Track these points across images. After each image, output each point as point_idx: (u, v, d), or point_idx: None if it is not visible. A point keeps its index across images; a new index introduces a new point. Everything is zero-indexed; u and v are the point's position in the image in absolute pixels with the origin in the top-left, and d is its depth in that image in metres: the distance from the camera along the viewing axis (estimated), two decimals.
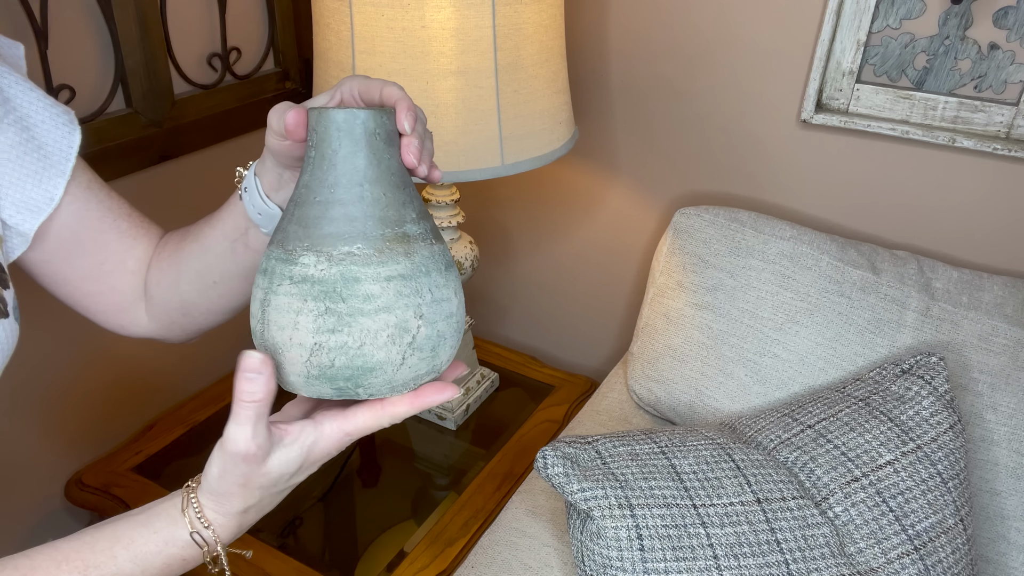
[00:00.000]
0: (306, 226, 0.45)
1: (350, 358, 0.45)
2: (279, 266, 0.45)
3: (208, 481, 0.49)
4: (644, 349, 1.10)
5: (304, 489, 1.13)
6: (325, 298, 0.44)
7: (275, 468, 0.48)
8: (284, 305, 0.45)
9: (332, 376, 0.45)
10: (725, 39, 1.13)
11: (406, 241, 0.46)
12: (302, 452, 0.49)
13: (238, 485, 0.48)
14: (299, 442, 0.48)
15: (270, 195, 0.56)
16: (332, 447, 0.49)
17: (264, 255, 0.47)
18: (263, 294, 0.46)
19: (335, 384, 0.46)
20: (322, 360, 0.45)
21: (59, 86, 1.00)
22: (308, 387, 0.47)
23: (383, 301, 0.45)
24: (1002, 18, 0.96)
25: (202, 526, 0.49)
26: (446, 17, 0.90)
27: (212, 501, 0.49)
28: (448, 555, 1.02)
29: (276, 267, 0.45)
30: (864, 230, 1.15)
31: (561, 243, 1.45)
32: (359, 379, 0.46)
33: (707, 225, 1.07)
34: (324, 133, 0.46)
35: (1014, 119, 0.99)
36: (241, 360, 0.45)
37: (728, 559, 0.73)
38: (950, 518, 0.80)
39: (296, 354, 0.45)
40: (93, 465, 1.17)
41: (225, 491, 0.48)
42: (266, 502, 0.51)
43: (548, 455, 0.78)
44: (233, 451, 0.46)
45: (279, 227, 0.47)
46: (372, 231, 0.45)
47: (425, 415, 1.28)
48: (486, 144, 0.97)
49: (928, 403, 0.85)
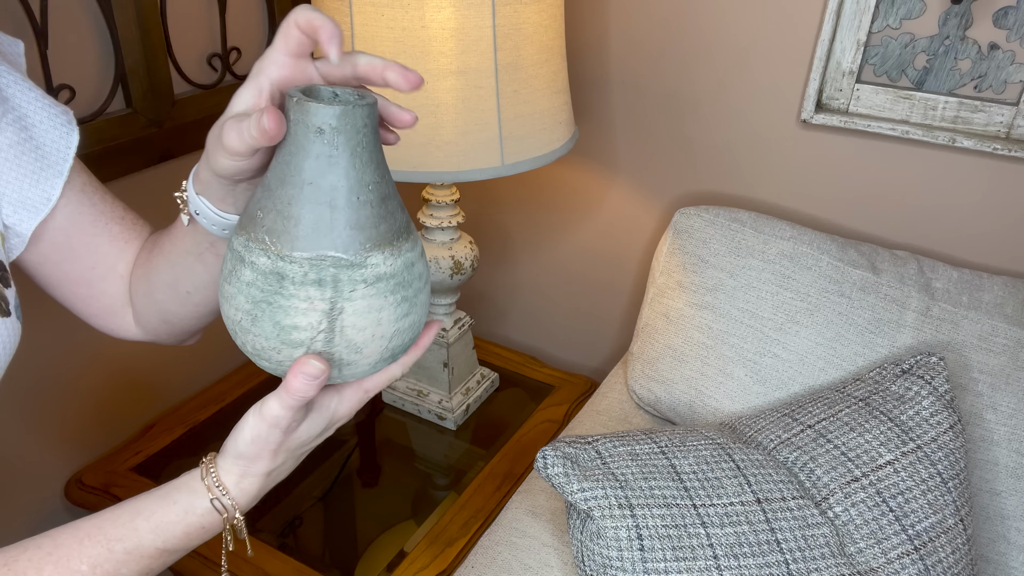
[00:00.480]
0: (360, 228, 0.45)
1: (415, 331, 0.50)
2: (346, 273, 0.45)
3: (237, 445, 0.51)
4: (644, 349, 1.10)
5: (304, 489, 1.13)
6: (399, 289, 0.47)
7: (304, 433, 0.52)
8: (363, 308, 0.45)
9: (397, 353, 0.50)
10: (725, 39, 1.13)
11: (409, 220, 0.49)
12: (327, 417, 0.53)
13: (270, 451, 0.51)
14: (324, 407, 0.52)
15: (224, 209, 0.54)
16: (353, 407, 0.54)
17: (310, 266, 0.44)
18: (328, 303, 0.45)
19: (395, 357, 0.50)
20: (397, 343, 0.49)
21: (59, 86, 1.00)
22: (371, 371, 0.50)
23: (425, 276, 0.50)
24: (1002, 18, 0.96)
25: (220, 493, 0.51)
26: (446, 17, 0.90)
27: (238, 465, 0.51)
28: (448, 555, 1.02)
29: (342, 275, 0.45)
30: (864, 230, 1.15)
31: (561, 243, 1.45)
32: (407, 345, 0.50)
33: (707, 225, 1.07)
34: (357, 132, 0.44)
35: (1014, 119, 0.99)
36: (303, 364, 0.46)
37: (728, 559, 0.73)
38: (950, 518, 0.80)
39: (376, 346, 0.47)
40: (93, 465, 1.17)
41: (255, 454, 0.51)
42: (288, 464, 0.54)
43: (548, 455, 0.78)
44: (273, 422, 0.49)
45: (316, 228, 0.44)
46: (401, 218, 0.48)
47: (425, 415, 1.28)
48: (486, 144, 0.97)
49: (928, 403, 0.85)
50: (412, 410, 1.30)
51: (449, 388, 1.27)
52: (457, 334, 1.25)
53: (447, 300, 1.23)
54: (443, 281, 1.19)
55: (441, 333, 1.23)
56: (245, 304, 0.46)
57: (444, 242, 1.18)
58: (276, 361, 0.47)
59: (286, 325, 0.45)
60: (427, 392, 1.29)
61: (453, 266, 1.17)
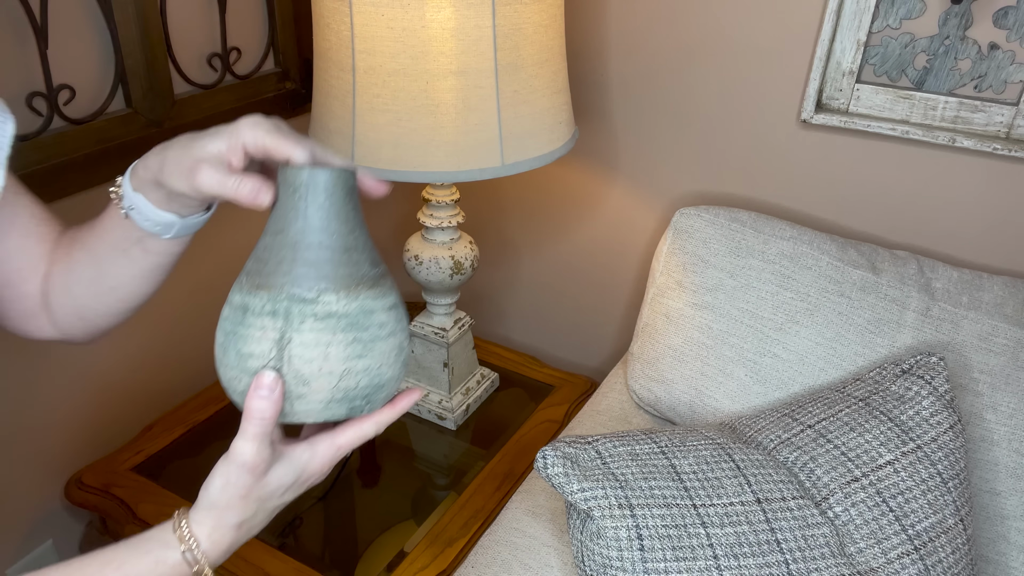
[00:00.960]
0: (316, 267, 0.50)
1: (371, 378, 0.52)
2: (297, 307, 0.49)
3: (209, 495, 0.51)
4: (644, 349, 1.10)
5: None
6: (351, 329, 0.50)
7: (273, 481, 0.52)
8: (311, 340, 0.49)
9: (353, 397, 0.51)
10: (725, 39, 1.13)
11: (386, 275, 0.54)
12: (298, 468, 0.53)
13: (239, 496, 0.51)
14: (296, 458, 0.53)
15: (161, 207, 0.56)
16: (326, 463, 0.54)
17: (268, 298, 0.50)
18: (278, 332, 0.49)
19: (352, 404, 0.52)
20: (349, 383, 0.51)
21: (59, 86, 1.00)
22: (324, 412, 0.51)
23: (390, 327, 0.52)
24: (1002, 18, 0.96)
25: (192, 545, 0.51)
26: (446, 17, 0.90)
27: (210, 516, 0.51)
28: (448, 555, 1.02)
29: (293, 308, 0.49)
30: (864, 230, 1.15)
31: (561, 243, 1.45)
32: (372, 396, 0.52)
33: (707, 225, 1.07)
34: (326, 190, 0.51)
35: (1014, 119, 0.99)
36: (257, 379, 0.49)
37: (728, 559, 0.73)
38: (950, 518, 0.80)
39: (324, 382, 0.50)
40: (93, 465, 1.17)
41: (226, 503, 0.51)
42: (259, 517, 0.54)
43: (548, 455, 0.78)
44: (240, 462, 0.50)
45: (277, 268, 0.50)
46: (368, 270, 0.52)
47: (425, 415, 1.28)
48: (486, 144, 0.97)
49: (928, 403, 0.85)
50: (412, 410, 1.30)
51: (449, 388, 1.27)
52: (457, 334, 1.25)
53: (447, 300, 1.23)
54: (443, 281, 1.19)
55: (441, 333, 1.23)
56: (221, 337, 0.51)
57: (444, 242, 1.18)
58: (239, 392, 0.51)
59: (244, 353, 0.50)
60: (427, 392, 1.29)
61: (453, 266, 1.17)
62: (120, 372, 1.21)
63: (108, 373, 1.20)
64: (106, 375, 1.20)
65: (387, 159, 0.97)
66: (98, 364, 1.18)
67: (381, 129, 0.96)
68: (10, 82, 0.96)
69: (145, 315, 1.22)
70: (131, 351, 1.22)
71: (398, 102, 0.94)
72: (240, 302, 0.51)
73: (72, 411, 1.16)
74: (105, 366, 1.19)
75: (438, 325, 1.24)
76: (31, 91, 0.98)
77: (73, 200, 1.06)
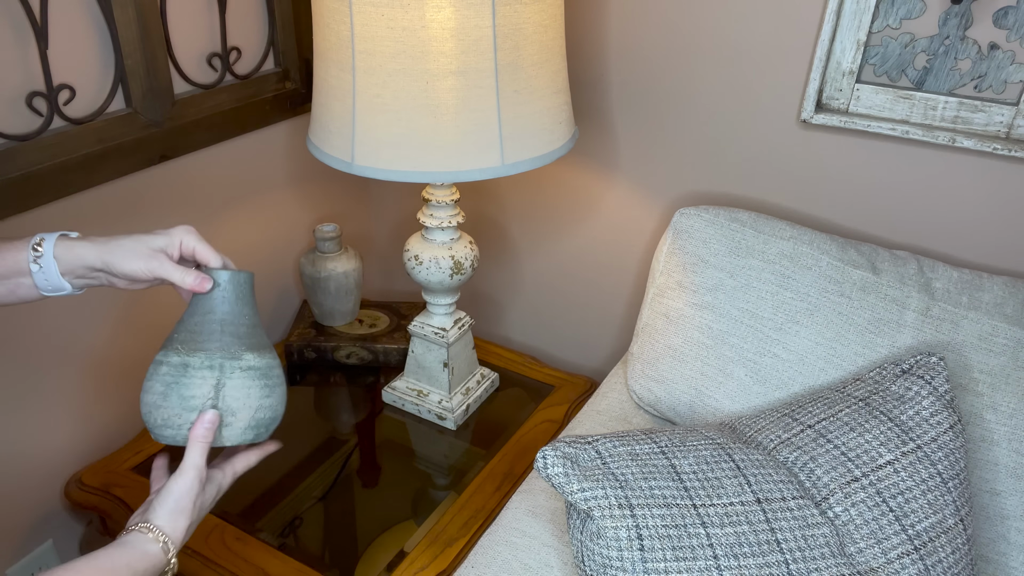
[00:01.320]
0: (239, 338, 0.73)
1: (273, 412, 0.75)
2: (228, 363, 0.72)
3: (167, 503, 0.69)
4: (644, 349, 1.10)
5: (304, 489, 1.13)
6: (262, 378, 0.74)
7: (208, 492, 0.73)
8: (239, 385, 0.72)
9: (259, 425, 0.74)
10: (725, 39, 1.13)
11: (270, 344, 0.77)
12: (217, 484, 0.74)
13: (191, 500, 0.70)
14: (216, 477, 0.74)
15: (65, 277, 0.71)
16: (228, 484, 0.76)
17: (205, 358, 0.71)
18: (216, 380, 0.71)
19: (258, 431, 0.74)
20: (261, 415, 0.74)
21: (59, 86, 1.00)
22: (241, 437, 0.73)
23: (281, 377, 0.76)
24: (1002, 18, 0.96)
25: (164, 539, 0.68)
26: (446, 17, 0.90)
27: (172, 518, 0.69)
28: (448, 555, 1.03)
29: (226, 363, 0.71)
30: (864, 230, 1.15)
31: (561, 243, 1.45)
32: (269, 426, 0.75)
33: (707, 225, 1.07)
34: (241, 287, 0.74)
35: (1014, 119, 0.99)
36: (203, 414, 0.70)
37: (728, 559, 0.73)
38: (950, 518, 0.80)
39: (245, 414, 0.72)
40: (93, 465, 1.17)
41: (182, 508, 0.69)
42: (195, 522, 0.72)
43: (548, 455, 0.78)
44: (193, 475, 0.70)
45: (209, 338, 0.72)
46: (266, 340, 0.76)
47: (425, 415, 1.28)
48: (486, 144, 0.97)
49: (928, 403, 0.85)
50: (412, 410, 1.30)
51: (449, 388, 1.27)
52: (457, 334, 1.25)
53: (447, 300, 1.23)
54: (443, 281, 1.19)
55: (441, 333, 1.23)
56: (159, 387, 0.71)
57: (444, 242, 1.18)
58: (177, 426, 0.71)
59: (186, 396, 0.70)
60: (427, 392, 1.29)
61: (453, 266, 1.17)
62: (120, 372, 1.21)
63: (108, 373, 1.20)
64: (106, 375, 1.20)
65: (387, 159, 0.97)
66: (98, 364, 1.18)
67: (381, 129, 0.96)
68: (10, 82, 0.96)
69: (145, 315, 1.22)
70: (131, 351, 1.22)
71: (398, 102, 0.94)
72: (179, 361, 0.71)
73: (72, 411, 1.16)
74: (105, 366, 1.19)
75: (438, 325, 1.24)
76: (31, 91, 0.98)
77: (73, 200, 1.06)
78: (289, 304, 1.50)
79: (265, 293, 1.43)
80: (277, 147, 1.35)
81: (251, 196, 1.33)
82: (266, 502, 1.11)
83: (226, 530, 1.05)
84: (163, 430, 0.71)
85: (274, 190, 1.38)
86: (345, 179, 1.53)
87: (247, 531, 1.05)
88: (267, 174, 1.35)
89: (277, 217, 1.41)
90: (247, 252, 1.36)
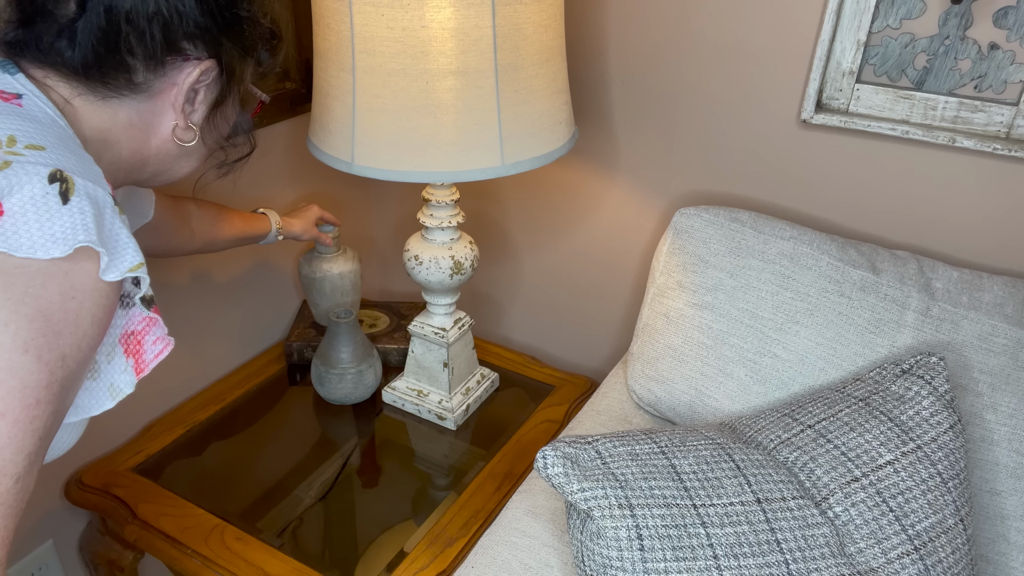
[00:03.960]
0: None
1: None
2: None
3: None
4: (644, 349, 1.10)
5: (304, 489, 1.13)
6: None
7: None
8: None
9: None
10: (725, 39, 1.13)
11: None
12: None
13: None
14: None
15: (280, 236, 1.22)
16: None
17: None
18: None
19: None
20: None
21: None
22: None
23: None
24: (1002, 18, 0.96)
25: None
26: (446, 17, 0.90)
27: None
28: (448, 555, 1.02)
29: None
30: (864, 230, 1.15)
31: (561, 243, 1.45)
32: None
33: (707, 225, 1.07)
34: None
35: (1014, 119, 0.99)
36: None
37: (728, 559, 0.73)
38: (950, 518, 0.80)
39: None
40: (93, 465, 1.17)
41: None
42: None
43: (548, 455, 0.78)
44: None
45: None
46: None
47: (425, 415, 1.28)
48: (486, 144, 0.97)
49: (928, 403, 0.85)
50: (412, 410, 1.30)
51: (449, 388, 1.27)
52: (457, 334, 1.25)
53: (447, 300, 1.23)
54: (443, 281, 1.19)
55: (441, 333, 1.23)
56: None
57: (444, 242, 1.18)
58: None
59: None
60: (427, 392, 1.29)
61: (453, 266, 1.17)
62: None
63: None
64: None
65: (387, 159, 0.97)
66: None
67: (381, 129, 0.96)
68: None
69: None
70: None
71: (398, 102, 0.94)
72: None
73: None
74: None
75: (438, 325, 1.24)
76: None
77: None
78: (289, 304, 1.50)
79: (265, 293, 1.43)
80: (277, 147, 1.36)
81: (251, 196, 1.33)
82: (266, 502, 1.11)
83: (226, 530, 1.05)
84: None
85: (274, 190, 1.38)
86: (345, 179, 1.53)
87: (247, 531, 1.05)
88: (267, 174, 1.35)
89: None
90: (247, 251, 1.36)
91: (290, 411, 1.29)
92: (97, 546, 1.15)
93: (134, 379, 0.62)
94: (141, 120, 0.66)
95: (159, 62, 0.63)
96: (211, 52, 0.65)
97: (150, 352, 0.62)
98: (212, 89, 0.68)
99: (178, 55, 0.64)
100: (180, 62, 0.64)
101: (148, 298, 0.61)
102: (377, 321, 1.46)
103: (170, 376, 1.30)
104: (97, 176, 0.57)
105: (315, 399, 1.32)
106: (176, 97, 0.66)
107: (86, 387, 0.60)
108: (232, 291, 1.35)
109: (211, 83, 0.67)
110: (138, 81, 0.63)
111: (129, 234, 0.58)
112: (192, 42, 0.64)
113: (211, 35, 0.65)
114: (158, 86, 0.65)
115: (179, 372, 1.31)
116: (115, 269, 0.56)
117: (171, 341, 0.63)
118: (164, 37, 0.62)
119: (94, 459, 1.21)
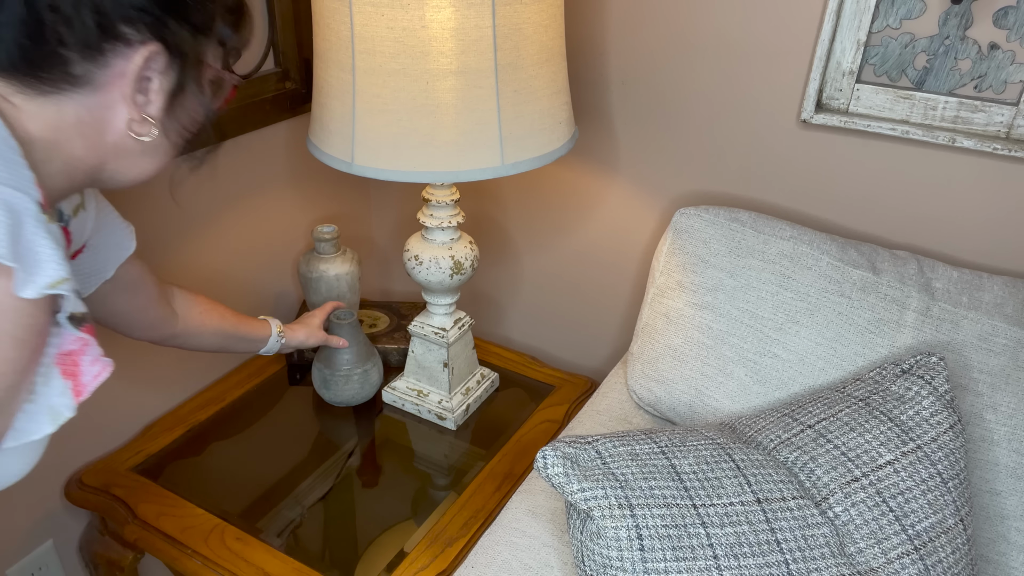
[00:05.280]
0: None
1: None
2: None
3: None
4: (644, 349, 1.10)
5: (304, 489, 1.13)
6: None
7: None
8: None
9: None
10: (725, 39, 1.13)
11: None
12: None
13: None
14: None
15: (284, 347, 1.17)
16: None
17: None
18: None
19: None
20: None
21: None
22: None
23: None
24: (1002, 18, 0.96)
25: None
26: (446, 17, 0.90)
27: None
28: (448, 555, 1.02)
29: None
30: (864, 230, 1.15)
31: (561, 243, 1.45)
32: None
33: (707, 225, 1.07)
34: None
35: (1014, 119, 0.99)
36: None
37: (728, 559, 0.73)
38: (950, 518, 0.80)
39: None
40: (93, 465, 1.17)
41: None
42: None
43: (548, 455, 0.78)
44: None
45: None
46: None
47: (425, 415, 1.28)
48: (486, 144, 0.97)
49: (928, 403, 0.85)
50: (412, 410, 1.30)
51: (449, 388, 1.27)
52: (457, 334, 1.25)
53: (447, 300, 1.23)
54: (443, 281, 1.19)
55: (441, 333, 1.23)
56: None
57: (444, 242, 1.18)
58: None
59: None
60: (427, 392, 1.29)
61: (453, 266, 1.17)
62: (119, 372, 1.21)
63: None
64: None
65: (387, 159, 0.97)
66: None
67: (381, 129, 0.96)
68: None
69: None
70: (130, 351, 1.22)
71: (398, 102, 0.94)
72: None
73: None
74: None
75: (438, 325, 1.24)
76: None
77: None
78: (289, 304, 1.50)
79: (265, 293, 1.43)
80: (277, 147, 1.35)
81: (251, 196, 1.33)
82: (266, 502, 1.11)
83: (226, 530, 1.05)
84: None
85: (274, 190, 1.38)
86: (345, 179, 1.53)
87: (247, 531, 1.05)
88: (267, 174, 1.35)
89: (277, 217, 1.41)
90: (247, 252, 1.36)
91: (290, 411, 1.29)
92: (97, 546, 1.15)
93: (72, 402, 0.57)
94: (91, 115, 0.60)
95: (97, 51, 0.57)
96: (155, 35, 0.58)
97: (88, 373, 0.58)
98: (167, 76, 0.61)
99: (118, 41, 0.57)
100: (122, 49, 0.58)
101: (78, 316, 0.57)
102: (377, 321, 1.46)
103: (170, 376, 1.30)
104: (22, 181, 0.52)
105: (315, 399, 1.32)
106: (125, 88, 0.59)
107: (25, 410, 0.56)
108: (232, 291, 1.35)
109: (164, 70, 0.60)
110: (77, 73, 0.57)
111: (54, 246, 0.52)
112: (132, 25, 0.57)
113: (152, 16, 0.58)
114: (102, 77, 0.58)
115: (179, 372, 1.31)
116: (32, 285, 0.50)
117: (109, 363, 0.59)
118: (97, 23, 0.55)
119: (94, 459, 1.21)
